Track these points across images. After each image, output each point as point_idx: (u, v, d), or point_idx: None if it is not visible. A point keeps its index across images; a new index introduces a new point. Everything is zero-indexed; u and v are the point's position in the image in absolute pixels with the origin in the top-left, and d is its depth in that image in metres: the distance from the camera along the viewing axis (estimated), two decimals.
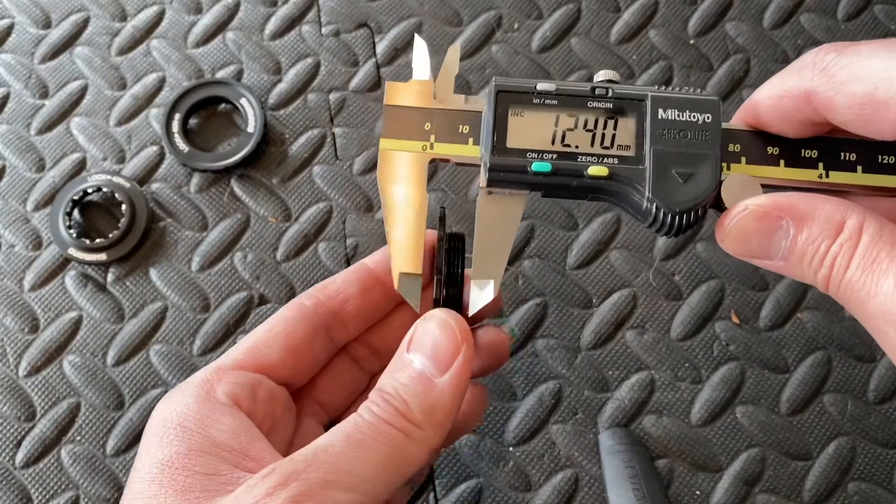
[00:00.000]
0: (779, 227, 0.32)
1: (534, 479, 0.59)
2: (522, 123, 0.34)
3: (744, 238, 0.33)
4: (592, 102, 0.35)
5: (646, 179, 0.34)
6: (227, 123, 0.67)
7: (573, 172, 0.34)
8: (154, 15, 0.70)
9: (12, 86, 0.68)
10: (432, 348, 0.34)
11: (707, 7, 0.70)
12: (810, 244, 0.32)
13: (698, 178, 0.34)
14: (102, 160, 0.66)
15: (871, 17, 0.70)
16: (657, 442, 0.59)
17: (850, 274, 0.31)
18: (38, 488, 0.59)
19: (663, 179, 0.34)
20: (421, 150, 0.35)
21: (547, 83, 0.35)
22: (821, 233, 0.32)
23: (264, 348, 0.39)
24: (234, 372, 0.37)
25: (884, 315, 0.30)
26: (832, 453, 0.59)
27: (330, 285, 0.41)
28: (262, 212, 0.65)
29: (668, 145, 0.34)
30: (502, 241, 0.35)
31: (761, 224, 0.32)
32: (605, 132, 0.34)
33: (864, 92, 0.31)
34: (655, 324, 0.62)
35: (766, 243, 0.33)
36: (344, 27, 0.70)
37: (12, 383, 0.61)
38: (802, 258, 0.32)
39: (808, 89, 0.33)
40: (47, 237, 0.64)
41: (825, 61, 0.33)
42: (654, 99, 0.34)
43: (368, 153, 0.66)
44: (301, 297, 0.41)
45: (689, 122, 0.34)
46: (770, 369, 0.61)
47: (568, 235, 0.64)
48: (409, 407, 0.33)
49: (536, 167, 0.34)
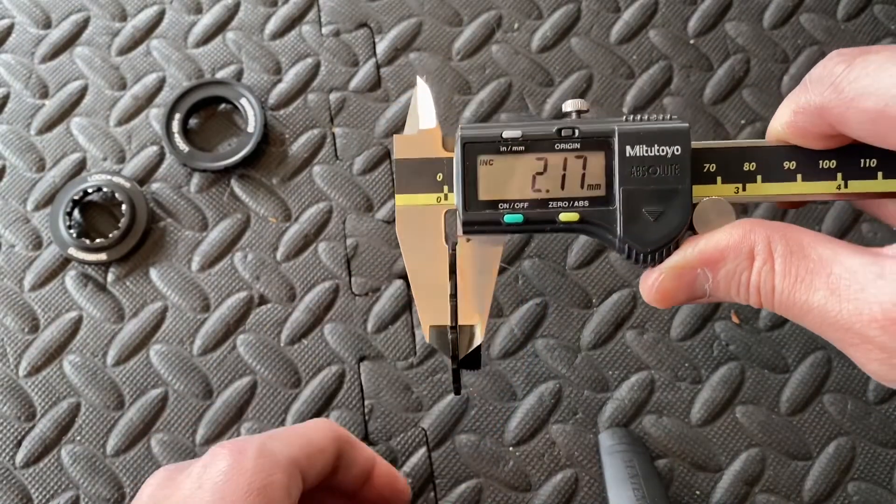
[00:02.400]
0: (696, 277, 0.33)
1: (534, 478, 0.59)
2: (492, 172, 0.35)
3: (669, 296, 0.34)
4: (559, 144, 0.34)
5: (616, 221, 0.34)
6: (227, 123, 0.67)
7: (545, 219, 0.34)
8: (154, 15, 0.70)
9: (12, 86, 0.68)
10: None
11: (707, 7, 0.70)
12: (731, 281, 0.33)
13: (669, 215, 0.34)
14: (102, 160, 0.66)
15: (870, 17, 0.70)
16: (657, 442, 0.59)
17: (778, 297, 0.32)
18: (38, 488, 0.59)
19: (634, 220, 0.34)
20: (436, 202, 0.36)
21: (512, 130, 0.35)
22: (735, 268, 0.32)
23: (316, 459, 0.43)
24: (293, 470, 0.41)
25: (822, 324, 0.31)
26: (832, 453, 0.59)
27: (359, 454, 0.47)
28: (263, 212, 0.65)
29: (638, 184, 0.34)
30: (485, 283, 0.36)
31: (680, 282, 0.34)
32: (574, 173, 0.34)
33: (875, 108, 0.30)
34: (655, 324, 0.62)
35: (690, 292, 0.34)
36: (344, 27, 0.70)
37: (12, 383, 0.61)
38: (728, 293, 0.33)
39: (820, 105, 0.33)
40: (47, 237, 0.64)
41: (833, 74, 0.32)
42: (622, 135, 0.34)
43: (368, 153, 0.66)
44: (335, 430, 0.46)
45: (657, 156, 0.34)
46: (770, 369, 0.61)
47: (568, 235, 0.64)
48: None
49: (508, 219, 0.34)
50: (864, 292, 0.30)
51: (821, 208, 0.65)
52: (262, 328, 0.62)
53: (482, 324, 0.36)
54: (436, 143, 0.36)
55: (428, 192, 0.36)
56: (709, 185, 0.35)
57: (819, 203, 0.65)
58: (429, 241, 0.36)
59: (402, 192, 0.36)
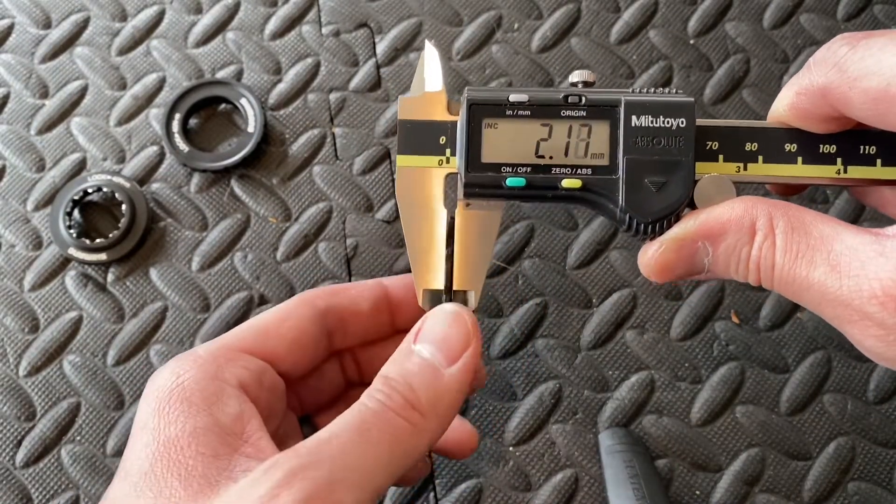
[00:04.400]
0: (696, 250, 0.33)
1: (534, 478, 0.59)
2: (496, 136, 0.34)
3: (668, 269, 0.34)
4: (565, 111, 0.34)
5: (619, 190, 0.34)
6: (227, 123, 0.67)
7: (547, 185, 0.34)
8: (154, 15, 0.70)
9: (12, 86, 0.68)
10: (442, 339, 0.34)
11: (707, 7, 0.70)
12: (731, 255, 0.33)
13: (671, 186, 0.34)
14: (102, 160, 0.66)
15: (871, 17, 0.70)
16: (657, 442, 0.59)
17: (778, 272, 0.32)
18: (38, 488, 0.59)
19: (636, 189, 0.34)
20: (437, 165, 0.35)
21: (519, 94, 0.34)
22: (736, 242, 0.32)
23: (275, 338, 0.38)
24: (243, 355, 0.37)
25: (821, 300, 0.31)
26: (832, 453, 0.59)
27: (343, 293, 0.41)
28: (263, 212, 0.65)
29: (642, 153, 0.34)
30: (482, 251, 0.36)
31: (680, 253, 0.33)
32: (578, 141, 0.34)
33: (877, 87, 0.31)
34: (655, 324, 0.62)
35: (689, 266, 0.34)
36: (344, 27, 0.70)
37: (12, 383, 0.61)
38: (727, 268, 0.33)
39: (823, 85, 0.33)
40: (47, 237, 0.64)
41: (837, 56, 0.32)
42: (628, 105, 0.34)
43: (368, 153, 0.66)
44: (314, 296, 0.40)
45: (662, 128, 0.34)
46: (770, 369, 0.61)
47: (568, 235, 0.64)
48: (416, 395, 0.32)
49: (511, 182, 0.34)
50: (865, 269, 0.30)
51: (822, 206, 0.65)
52: None
53: (477, 292, 0.35)
54: (440, 106, 0.36)
55: (430, 155, 0.35)
56: (711, 163, 0.35)
57: (820, 187, 0.65)
58: (427, 203, 0.35)
59: (403, 153, 0.35)
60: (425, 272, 0.35)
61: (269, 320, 0.39)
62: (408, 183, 0.35)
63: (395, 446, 0.32)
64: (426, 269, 0.35)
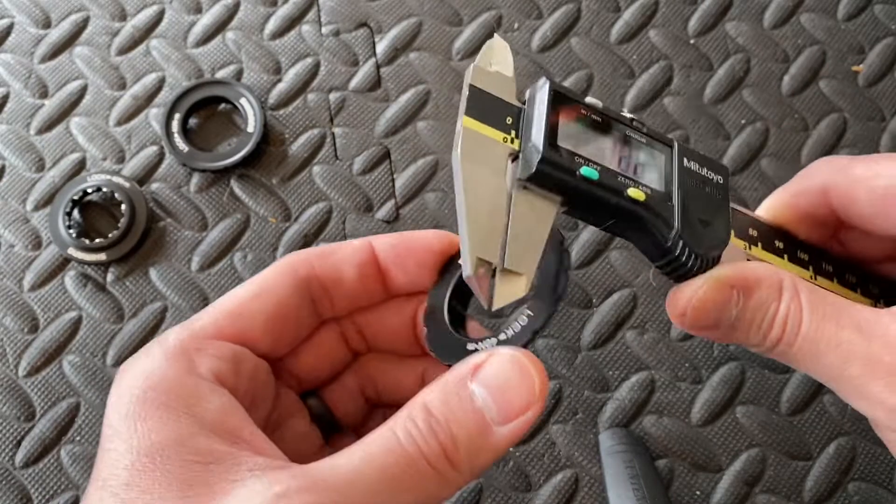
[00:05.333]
0: (730, 298, 0.33)
1: (534, 479, 0.59)
2: (569, 128, 0.34)
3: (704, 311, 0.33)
4: (630, 132, 0.35)
5: (674, 216, 0.34)
6: (227, 123, 0.67)
7: (615, 189, 0.33)
8: (154, 15, 0.70)
9: (12, 86, 0.68)
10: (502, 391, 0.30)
11: (707, 7, 0.70)
12: (758, 310, 0.33)
13: (716, 227, 0.34)
14: (102, 160, 0.66)
15: (871, 17, 0.70)
16: (657, 442, 0.59)
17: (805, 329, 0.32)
18: (38, 488, 0.59)
19: (689, 221, 0.34)
20: (502, 141, 0.34)
21: (593, 99, 0.35)
22: (767, 297, 0.33)
23: (248, 316, 0.35)
24: (214, 343, 0.34)
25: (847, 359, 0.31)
26: (832, 453, 0.59)
27: (328, 256, 0.37)
28: (262, 212, 0.65)
29: (692, 192, 0.34)
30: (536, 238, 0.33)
31: (719, 296, 0.33)
32: (636, 163, 0.34)
33: (885, 185, 0.33)
34: (655, 324, 0.62)
35: (720, 313, 0.33)
36: (344, 27, 0.70)
37: (12, 383, 0.61)
38: (751, 324, 0.33)
39: (826, 185, 0.35)
40: (47, 237, 0.64)
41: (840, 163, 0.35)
42: (680, 147, 0.35)
43: (368, 153, 0.66)
44: (294, 261, 0.36)
45: (706, 177, 0.35)
46: (770, 369, 0.61)
47: (568, 235, 0.64)
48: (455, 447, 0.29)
49: (585, 172, 0.33)
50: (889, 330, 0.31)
51: None
52: None
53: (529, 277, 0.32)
54: (510, 90, 0.35)
55: (496, 129, 0.33)
56: None
57: None
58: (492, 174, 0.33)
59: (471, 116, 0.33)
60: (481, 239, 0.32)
61: (242, 297, 0.35)
62: (474, 146, 0.33)
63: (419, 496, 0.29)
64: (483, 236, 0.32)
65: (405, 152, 0.66)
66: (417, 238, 0.37)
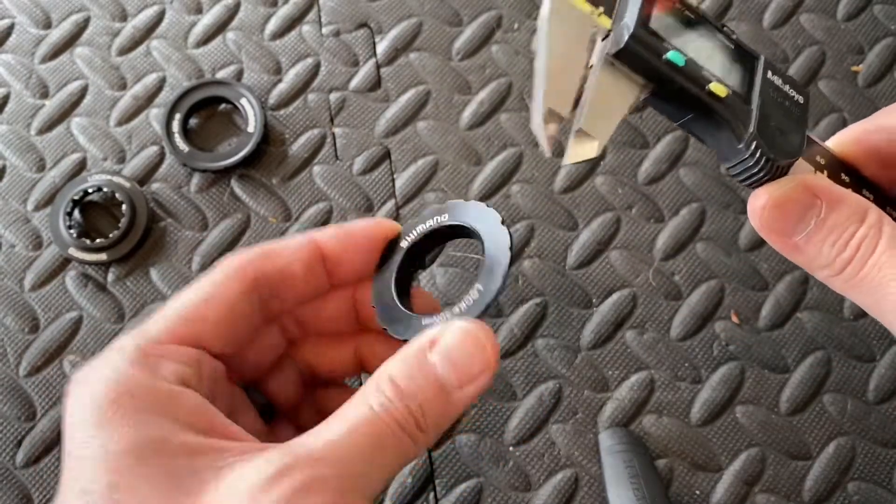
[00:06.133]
0: (814, 205, 0.34)
1: (534, 478, 0.59)
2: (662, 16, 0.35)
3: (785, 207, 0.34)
4: (720, 35, 0.35)
5: (751, 118, 0.34)
6: (228, 123, 0.67)
7: (697, 80, 0.34)
8: (154, 15, 0.70)
9: (13, 86, 0.68)
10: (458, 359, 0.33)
11: (707, 7, 0.70)
12: (837, 226, 0.33)
13: (791, 136, 0.35)
14: (103, 160, 0.66)
15: (870, 17, 0.70)
16: (657, 442, 0.59)
17: (875, 256, 0.32)
18: (39, 488, 0.59)
19: (766, 125, 0.35)
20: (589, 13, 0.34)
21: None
22: (848, 217, 0.33)
23: (201, 321, 0.35)
24: (173, 348, 0.34)
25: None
26: (832, 453, 0.59)
27: (275, 257, 0.38)
28: (263, 212, 0.65)
29: (772, 102, 0.35)
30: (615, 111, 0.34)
31: (804, 196, 0.34)
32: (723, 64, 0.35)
33: None
34: (655, 324, 0.62)
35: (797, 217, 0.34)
36: (344, 27, 0.70)
37: (12, 383, 0.61)
38: (827, 238, 0.33)
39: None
40: (47, 237, 0.64)
41: None
42: (766, 62, 0.36)
43: (369, 153, 0.66)
44: (242, 264, 0.37)
45: (787, 93, 0.36)
46: (770, 369, 0.61)
47: (568, 235, 0.64)
48: (423, 413, 0.32)
49: (672, 56, 0.34)
50: None
51: None
52: None
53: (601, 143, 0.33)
54: None
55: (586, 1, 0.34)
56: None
57: None
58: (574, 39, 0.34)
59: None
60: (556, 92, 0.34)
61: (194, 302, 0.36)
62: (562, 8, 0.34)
63: (398, 460, 0.32)
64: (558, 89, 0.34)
65: (405, 152, 0.66)
66: (358, 228, 0.39)
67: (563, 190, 0.65)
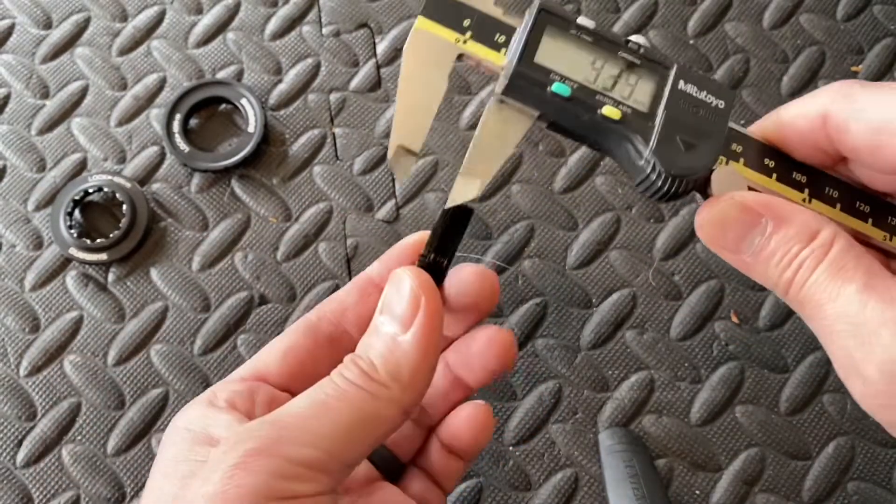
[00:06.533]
0: (758, 224, 0.33)
1: (534, 478, 0.59)
2: (553, 47, 0.35)
3: (723, 226, 0.34)
4: (623, 52, 0.35)
5: (651, 135, 0.34)
6: (228, 124, 0.68)
7: (588, 106, 0.34)
8: (155, 15, 0.70)
9: (13, 86, 0.68)
10: (395, 307, 0.34)
11: (706, 7, 0.70)
12: (783, 245, 0.33)
13: (699, 151, 0.35)
14: (103, 160, 0.66)
15: (870, 17, 0.70)
16: (657, 441, 0.59)
17: (814, 277, 0.32)
18: (39, 488, 0.59)
19: (667, 142, 0.34)
20: (453, 42, 0.35)
21: (587, 19, 0.36)
22: (795, 236, 0.33)
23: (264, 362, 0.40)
24: (234, 382, 0.39)
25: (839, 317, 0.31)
26: (832, 453, 0.59)
27: (333, 298, 0.41)
28: (263, 212, 0.65)
29: (680, 114, 0.35)
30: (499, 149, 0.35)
31: (743, 215, 0.34)
32: (625, 83, 0.35)
33: (880, 118, 0.32)
34: (655, 324, 0.62)
35: (741, 236, 0.34)
36: (344, 27, 0.70)
37: (13, 383, 0.61)
38: (772, 257, 0.33)
39: (825, 111, 0.34)
40: (48, 237, 0.64)
41: (850, 89, 0.34)
42: (679, 70, 0.36)
43: (369, 153, 0.66)
44: (309, 314, 0.41)
45: (703, 101, 0.35)
46: (770, 369, 0.61)
47: (568, 235, 0.64)
48: (374, 367, 0.33)
49: (556, 88, 0.34)
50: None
51: None
52: (262, 328, 0.62)
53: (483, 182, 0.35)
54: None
55: (450, 29, 0.35)
56: None
57: None
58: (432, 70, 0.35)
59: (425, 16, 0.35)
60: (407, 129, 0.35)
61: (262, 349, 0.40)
62: (420, 43, 0.35)
63: (354, 414, 0.32)
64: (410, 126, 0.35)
65: None
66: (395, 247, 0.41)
67: (563, 190, 0.65)
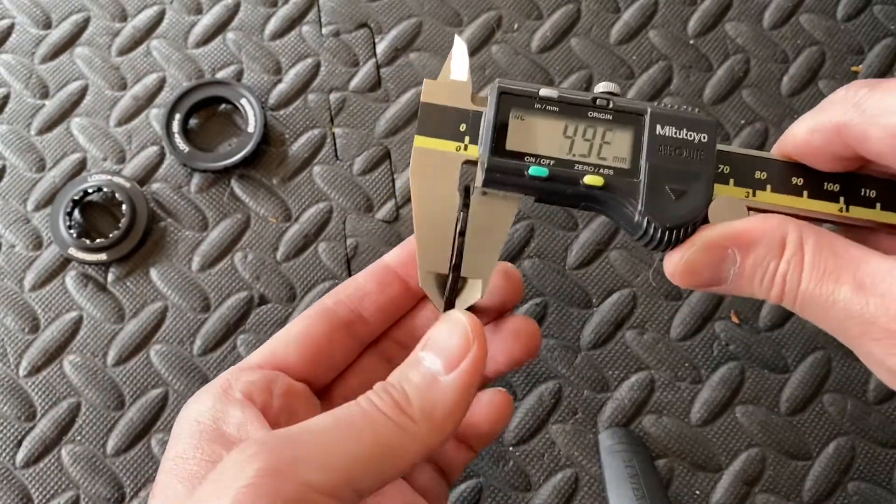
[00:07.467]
0: (726, 257, 0.34)
1: (534, 478, 0.59)
2: (522, 127, 0.35)
3: (694, 271, 0.34)
4: (592, 112, 0.35)
5: (639, 193, 0.34)
6: (228, 123, 0.67)
7: (569, 180, 0.34)
8: (154, 15, 0.70)
9: (13, 86, 0.68)
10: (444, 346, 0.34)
11: (707, 7, 0.70)
12: (758, 267, 0.33)
13: (690, 195, 0.34)
14: (103, 160, 0.66)
15: (870, 17, 0.70)
16: (657, 442, 0.59)
17: (804, 288, 0.32)
18: (39, 488, 0.59)
19: (656, 194, 0.34)
20: (455, 151, 0.35)
21: (549, 90, 0.35)
22: (766, 254, 0.33)
23: (281, 347, 0.39)
24: (250, 370, 0.38)
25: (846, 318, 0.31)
26: (832, 453, 0.59)
27: (350, 284, 0.41)
28: (263, 212, 0.65)
29: (664, 161, 0.34)
30: (493, 241, 0.35)
31: (709, 256, 0.34)
32: (602, 143, 0.35)
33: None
34: (655, 324, 0.62)
35: (715, 273, 0.34)
36: (344, 27, 0.70)
37: (13, 383, 0.61)
38: (752, 281, 0.33)
39: (840, 123, 0.34)
40: (48, 237, 0.64)
41: (857, 96, 0.33)
42: (653, 115, 0.35)
43: (369, 153, 0.66)
44: (324, 298, 0.41)
45: (685, 140, 0.35)
46: (770, 369, 0.61)
47: (568, 235, 0.64)
48: (408, 400, 0.33)
49: (534, 171, 0.34)
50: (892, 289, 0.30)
51: None
52: (262, 328, 0.62)
53: (485, 281, 0.35)
54: (465, 94, 0.36)
55: (449, 140, 0.35)
56: (722, 185, 0.36)
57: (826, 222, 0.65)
58: (442, 186, 0.35)
59: (422, 134, 0.36)
60: (431, 253, 0.35)
61: (278, 334, 0.40)
62: (424, 163, 0.35)
63: (377, 443, 0.32)
64: (432, 250, 0.35)
65: (405, 152, 0.66)
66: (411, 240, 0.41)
67: None
